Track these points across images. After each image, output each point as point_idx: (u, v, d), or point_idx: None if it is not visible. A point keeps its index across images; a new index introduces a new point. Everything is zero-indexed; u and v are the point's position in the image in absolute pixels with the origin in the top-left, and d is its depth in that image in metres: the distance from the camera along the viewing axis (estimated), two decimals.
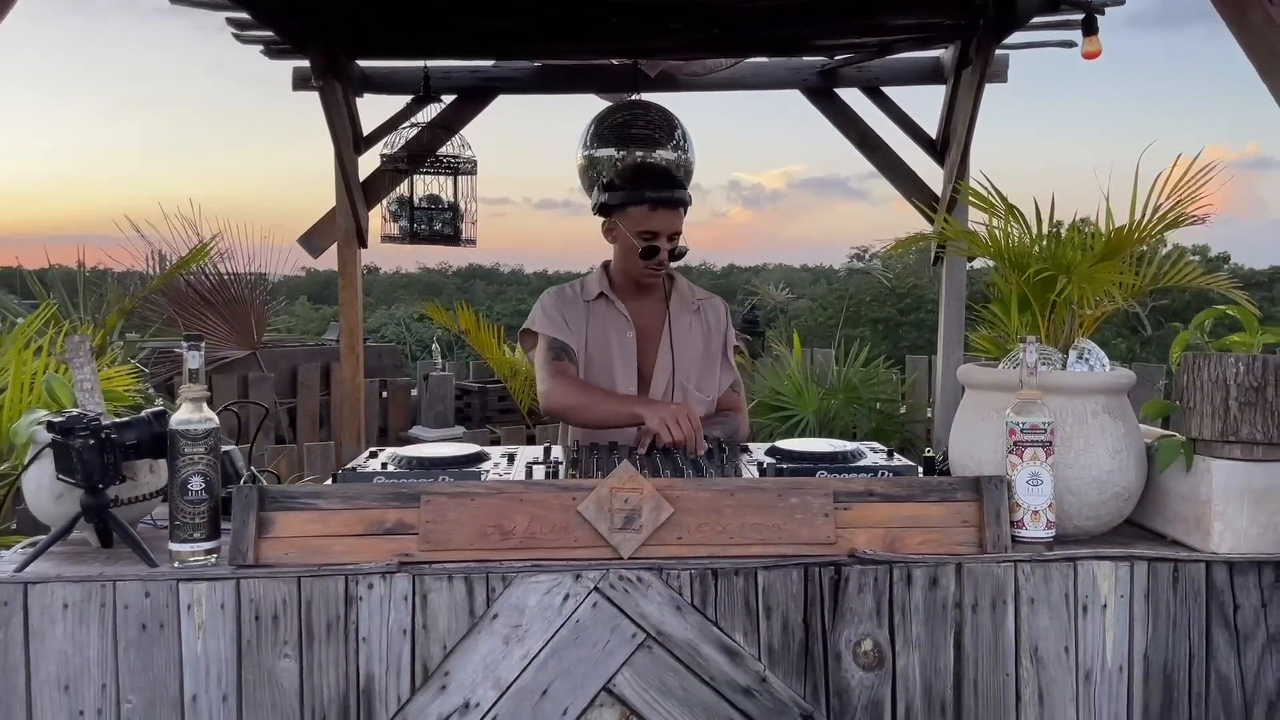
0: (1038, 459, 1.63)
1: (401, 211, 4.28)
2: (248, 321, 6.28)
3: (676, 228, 2.48)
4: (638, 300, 2.59)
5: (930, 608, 1.60)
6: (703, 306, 2.63)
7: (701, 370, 2.57)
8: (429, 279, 31.15)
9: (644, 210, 2.46)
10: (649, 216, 2.45)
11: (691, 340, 2.57)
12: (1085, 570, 1.61)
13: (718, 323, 2.64)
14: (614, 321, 2.55)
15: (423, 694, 1.55)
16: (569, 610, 1.56)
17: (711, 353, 2.61)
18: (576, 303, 2.58)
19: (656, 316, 2.58)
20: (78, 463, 1.58)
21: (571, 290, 2.61)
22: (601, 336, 2.54)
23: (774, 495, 1.64)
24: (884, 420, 5.46)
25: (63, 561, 1.64)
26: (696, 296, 2.65)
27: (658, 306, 2.59)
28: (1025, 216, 1.83)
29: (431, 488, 1.63)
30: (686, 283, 2.67)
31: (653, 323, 2.58)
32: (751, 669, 1.58)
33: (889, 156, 4.73)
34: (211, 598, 1.54)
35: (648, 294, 2.59)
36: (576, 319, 2.55)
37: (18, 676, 1.52)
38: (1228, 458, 1.64)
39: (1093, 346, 1.79)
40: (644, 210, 2.46)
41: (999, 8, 3.84)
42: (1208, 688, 1.63)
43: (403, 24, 4.02)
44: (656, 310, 2.59)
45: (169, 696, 1.53)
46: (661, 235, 2.46)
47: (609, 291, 2.57)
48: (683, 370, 2.54)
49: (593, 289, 2.58)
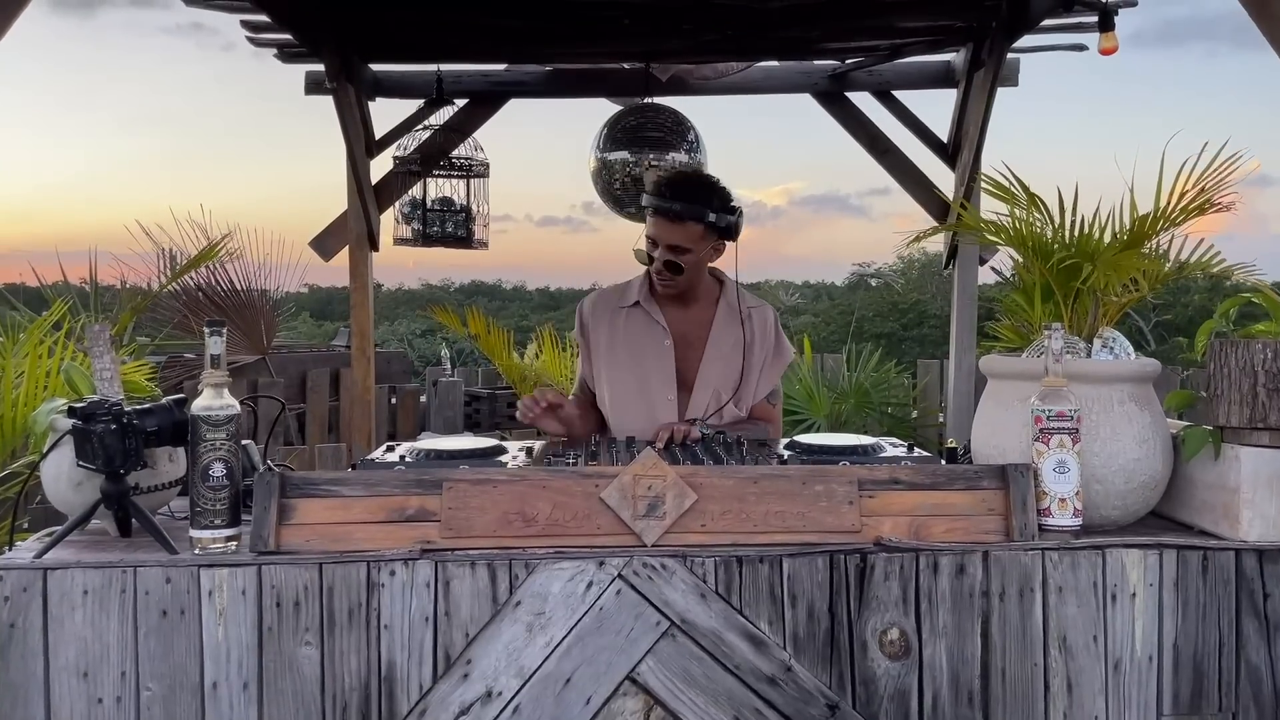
0: (1064, 446, 1.61)
1: (414, 213, 4.28)
2: (258, 327, 6.28)
3: (675, 240, 2.38)
4: (681, 307, 2.54)
5: (957, 596, 1.58)
6: (752, 314, 2.54)
7: (740, 379, 2.50)
8: (431, 294, 31.18)
9: (650, 215, 2.43)
10: (652, 222, 2.42)
11: (735, 349, 2.50)
12: (1114, 558, 1.59)
13: (764, 331, 2.56)
14: (649, 329, 2.52)
15: (445, 682, 1.54)
16: (592, 598, 1.55)
17: (753, 362, 2.52)
18: (610, 308, 2.57)
19: (701, 324, 2.53)
20: (99, 448, 1.57)
21: (613, 293, 2.60)
22: (635, 344, 2.51)
23: (798, 483, 1.63)
24: (896, 424, 5.43)
25: (82, 549, 1.63)
26: (747, 304, 2.56)
27: (704, 313, 2.54)
28: (1047, 206, 1.82)
29: (454, 475, 1.62)
30: (738, 289, 2.58)
31: (695, 330, 2.52)
32: (776, 658, 1.56)
33: (900, 161, 4.71)
34: (233, 584, 1.53)
35: (691, 301, 2.54)
36: (608, 325, 2.54)
37: (37, 663, 1.51)
38: (1256, 445, 1.62)
39: (1118, 335, 1.78)
40: (650, 215, 2.43)
41: (1011, 9, 3.84)
42: (1238, 677, 1.61)
43: (416, 28, 4.03)
44: (702, 317, 2.54)
45: (189, 684, 1.52)
46: (660, 244, 2.40)
47: (646, 298, 2.53)
48: (723, 377, 2.48)
49: (631, 295, 2.56)
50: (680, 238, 2.38)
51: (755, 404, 2.55)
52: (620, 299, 2.57)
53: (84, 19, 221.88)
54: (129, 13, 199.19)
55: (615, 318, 2.55)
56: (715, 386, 2.48)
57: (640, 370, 2.50)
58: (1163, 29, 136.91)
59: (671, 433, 2.18)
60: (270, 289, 6.54)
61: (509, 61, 4.60)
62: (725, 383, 2.49)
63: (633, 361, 2.51)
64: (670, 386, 2.48)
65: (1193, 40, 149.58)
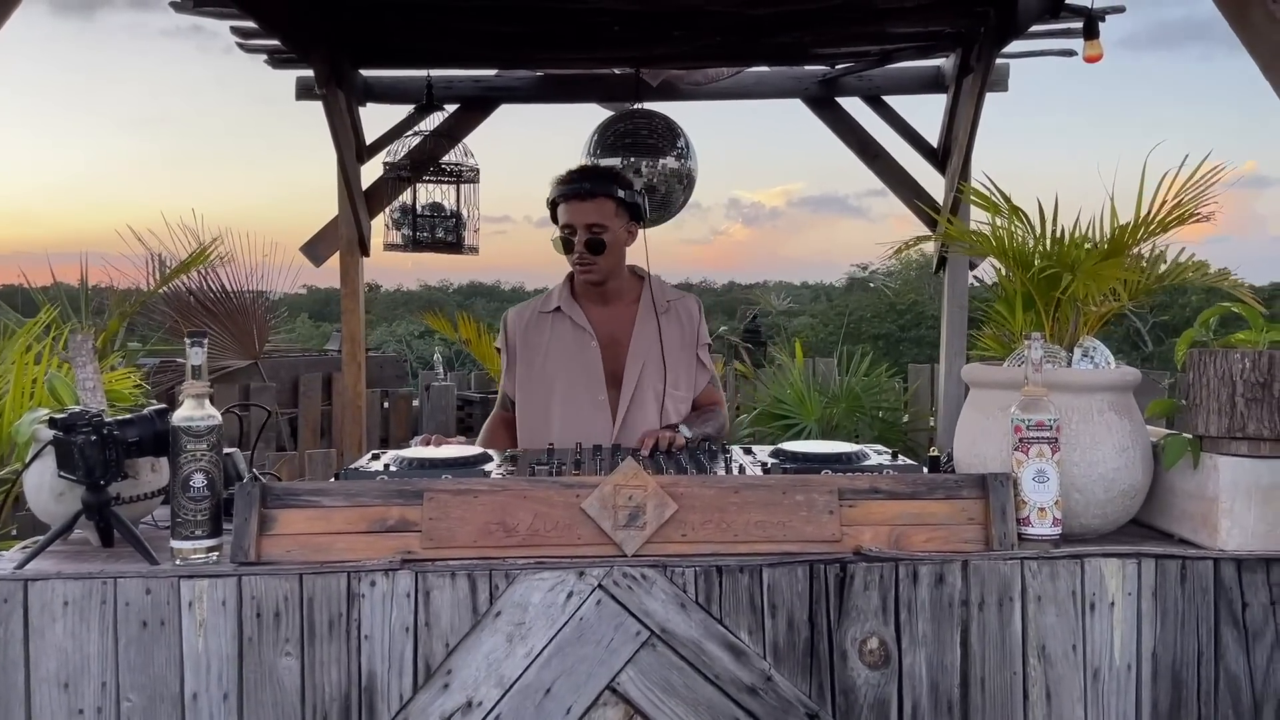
0: (1043, 455, 1.62)
1: (404, 219, 4.28)
2: (249, 331, 6.28)
3: (591, 219, 2.46)
4: (604, 306, 2.59)
5: (936, 605, 1.59)
6: (674, 306, 2.61)
7: (676, 370, 2.55)
8: (430, 295, 31.16)
9: (561, 207, 2.50)
10: (564, 211, 2.49)
11: (663, 341, 2.54)
12: (1093, 568, 1.60)
13: (690, 321, 2.61)
14: (574, 333, 2.56)
15: (425, 692, 1.54)
16: (573, 608, 1.55)
17: (685, 352, 2.59)
18: (532, 318, 2.62)
19: (625, 321, 2.58)
20: (79, 459, 1.57)
21: (531, 307, 2.66)
22: (562, 348, 2.56)
23: (779, 492, 1.63)
24: (886, 429, 5.44)
25: (63, 559, 1.63)
26: (667, 297, 2.62)
27: (627, 311, 2.59)
28: (1028, 216, 1.83)
29: (435, 485, 1.62)
30: (661, 283, 2.65)
31: (621, 327, 2.57)
32: (756, 667, 1.56)
33: (890, 165, 4.73)
34: (213, 595, 1.53)
35: (614, 299, 2.59)
36: (533, 335, 2.59)
37: (17, 674, 1.51)
38: (1235, 454, 1.63)
39: (1098, 344, 1.78)
40: (561, 207, 2.50)
41: (1000, 15, 3.85)
42: (1216, 686, 1.61)
43: (406, 33, 4.04)
44: (625, 315, 2.58)
45: (169, 694, 1.52)
46: (577, 228, 2.47)
47: (569, 303, 2.59)
48: (652, 373, 2.52)
49: (551, 302, 2.62)
50: (595, 215, 2.47)
51: (700, 393, 2.60)
52: (543, 305, 2.63)
53: (84, 21, 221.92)
54: (129, 15, 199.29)
55: (540, 324, 2.60)
56: (644, 383, 2.52)
57: (571, 372, 2.53)
58: (1156, 31, 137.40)
59: (657, 440, 2.18)
60: (266, 291, 6.54)
61: (500, 67, 4.61)
62: (655, 378, 2.52)
63: (563, 365, 2.54)
64: (600, 387, 2.52)
65: (1187, 42, 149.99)
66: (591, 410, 2.49)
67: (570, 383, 2.52)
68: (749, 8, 3.67)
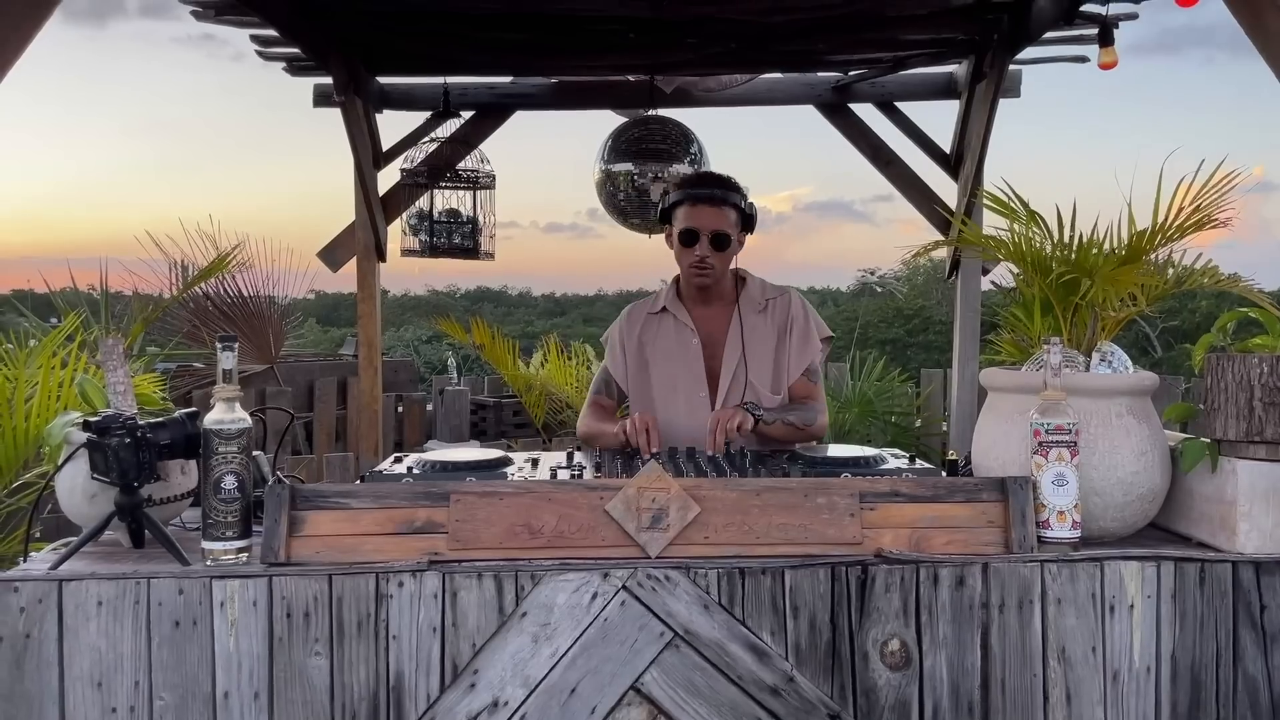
0: (1063, 459, 1.64)
1: (421, 225, 4.32)
2: (266, 336, 6.32)
3: (716, 226, 2.53)
4: (705, 307, 2.67)
5: (957, 608, 1.60)
6: (771, 304, 2.66)
7: (773, 367, 2.61)
8: (438, 301, 31.24)
9: (685, 209, 2.57)
10: (689, 214, 2.56)
11: (759, 340, 2.61)
12: (1112, 570, 1.61)
13: (786, 316, 2.65)
14: (678, 332, 2.66)
15: (452, 692, 1.56)
16: (597, 609, 1.57)
17: (781, 348, 2.63)
18: (643, 318, 2.72)
19: (725, 320, 2.65)
20: (113, 462, 1.60)
21: (641, 309, 2.75)
22: (667, 347, 2.66)
23: (800, 495, 1.65)
24: (899, 433, 5.45)
25: (95, 560, 1.66)
26: (767, 295, 2.68)
27: (726, 310, 2.66)
28: (1046, 221, 1.85)
29: (461, 487, 1.65)
30: (760, 283, 2.70)
31: (721, 327, 2.65)
32: (779, 668, 1.58)
33: (903, 171, 4.74)
34: (244, 595, 1.55)
35: (715, 300, 2.66)
36: (644, 334, 2.69)
37: (51, 673, 1.54)
38: (1253, 458, 1.64)
39: (1116, 349, 1.80)
40: (685, 209, 2.57)
41: (1013, 22, 3.87)
42: (1235, 688, 1.63)
43: (422, 41, 4.07)
44: (724, 314, 2.66)
45: (201, 693, 1.55)
46: (700, 231, 2.53)
47: (674, 303, 2.68)
48: (745, 369, 2.59)
49: (658, 303, 2.71)
50: (720, 221, 2.55)
51: (793, 384, 2.63)
52: (651, 307, 2.73)
53: (96, 29, 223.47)
54: (140, 23, 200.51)
55: (649, 324, 2.71)
56: (743, 378, 2.58)
57: (673, 369, 2.64)
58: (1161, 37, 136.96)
59: (722, 422, 2.28)
60: (278, 296, 6.59)
61: (514, 74, 4.64)
62: (754, 373, 2.59)
63: (667, 362, 2.65)
64: (701, 384, 2.61)
65: (1190, 48, 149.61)
66: (693, 405, 2.58)
67: (674, 379, 2.63)
68: (762, 16, 3.69)
